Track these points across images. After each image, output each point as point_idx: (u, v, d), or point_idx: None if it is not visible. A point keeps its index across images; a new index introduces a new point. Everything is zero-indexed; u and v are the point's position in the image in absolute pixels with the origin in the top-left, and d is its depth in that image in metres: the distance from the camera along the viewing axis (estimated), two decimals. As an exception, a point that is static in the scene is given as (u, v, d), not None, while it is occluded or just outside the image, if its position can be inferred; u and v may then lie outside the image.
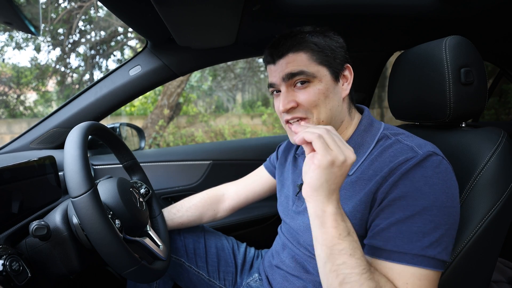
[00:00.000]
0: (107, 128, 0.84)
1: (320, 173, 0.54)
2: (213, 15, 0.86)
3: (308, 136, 0.55)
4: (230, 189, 1.06)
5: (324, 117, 0.72)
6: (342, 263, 0.54)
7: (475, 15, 1.04)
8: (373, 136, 0.73)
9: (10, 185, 0.73)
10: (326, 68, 0.71)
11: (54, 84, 6.39)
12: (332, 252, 0.55)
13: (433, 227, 0.58)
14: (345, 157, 0.54)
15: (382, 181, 0.63)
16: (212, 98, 7.19)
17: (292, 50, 0.71)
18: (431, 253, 0.57)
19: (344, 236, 0.55)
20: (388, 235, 0.60)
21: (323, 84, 0.71)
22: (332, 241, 0.55)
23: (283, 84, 0.72)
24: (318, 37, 0.72)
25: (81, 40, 5.73)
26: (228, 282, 1.01)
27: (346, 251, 0.54)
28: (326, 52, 0.71)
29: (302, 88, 0.71)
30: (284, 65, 0.71)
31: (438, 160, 0.62)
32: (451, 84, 0.74)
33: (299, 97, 0.71)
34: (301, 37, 0.71)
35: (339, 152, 0.54)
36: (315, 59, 0.71)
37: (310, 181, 0.56)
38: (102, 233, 0.61)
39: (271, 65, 0.75)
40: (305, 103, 0.71)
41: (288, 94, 0.72)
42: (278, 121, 6.20)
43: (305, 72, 0.70)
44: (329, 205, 0.56)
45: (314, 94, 0.70)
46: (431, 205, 0.58)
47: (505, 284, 1.05)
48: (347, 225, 0.56)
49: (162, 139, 5.41)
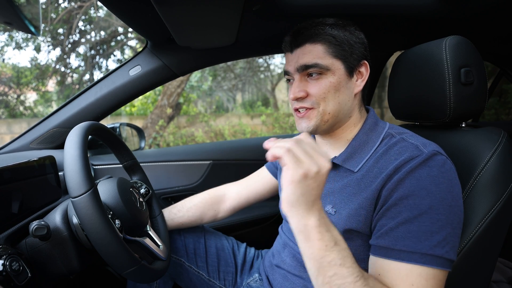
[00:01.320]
0: (107, 128, 0.84)
1: (294, 188, 0.52)
2: (213, 15, 0.86)
3: (276, 152, 0.53)
4: (231, 190, 1.06)
5: (330, 109, 0.72)
6: (333, 274, 0.53)
7: (475, 15, 1.03)
8: (378, 134, 0.74)
9: (10, 185, 0.73)
10: (341, 62, 0.72)
11: (54, 84, 6.39)
12: (321, 265, 0.54)
13: (440, 226, 0.58)
14: (319, 167, 0.52)
15: (387, 178, 0.64)
16: (212, 98, 7.19)
17: (309, 40, 0.72)
18: (439, 252, 0.57)
19: (331, 246, 0.54)
20: (396, 235, 0.60)
21: (335, 77, 0.71)
22: (320, 254, 0.54)
23: (297, 73, 0.74)
24: (338, 30, 0.72)
25: (81, 40, 5.73)
26: (228, 282, 1.01)
27: (335, 262, 0.53)
28: (343, 46, 0.71)
29: (314, 80, 0.72)
30: (300, 55, 0.72)
31: (442, 160, 0.63)
32: (451, 84, 0.74)
33: (310, 87, 0.72)
34: (321, 29, 0.72)
35: (311, 163, 0.52)
36: (331, 52, 0.71)
37: (286, 197, 0.54)
38: (102, 233, 0.61)
39: (289, 53, 0.76)
40: (314, 94, 0.72)
41: (300, 84, 0.73)
42: (278, 121, 6.23)
43: (319, 65, 0.70)
44: (310, 218, 0.54)
45: (324, 87, 0.71)
46: (438, 204, 0.58)
47: (505, 284, 1.05)
48: (333, 235, 0.55)
49: (162, 139, 5.41)
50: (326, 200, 0.73)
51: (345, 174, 0.73)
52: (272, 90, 7.74)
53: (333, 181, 0.74)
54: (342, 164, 0.73)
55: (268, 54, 2.53)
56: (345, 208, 0.69)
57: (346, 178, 0.72)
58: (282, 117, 6.30)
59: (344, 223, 0.68)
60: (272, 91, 7.75)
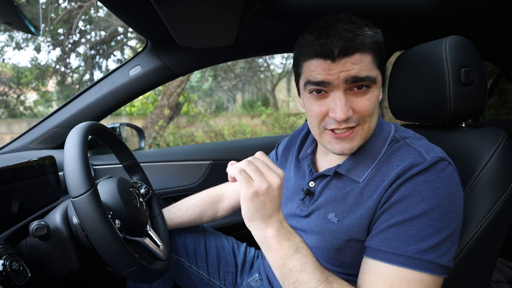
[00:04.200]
0: (107, 128, 0.84)
1: (249, 205, 0.57)
2: (213, 15, 0.86)
3: (231, 173, 0.58)
4: (230, 188, 1.06)
5: (373, 126, 0.66)
6: (295, 280, 0.58)
7: (475, 15, 1.03)
8: (383, 141, 0.69)
9: (10, 185, 0.73)
10: (379, 72, 0.64)
11: (54, 84, 6.39)
12: (284, 272, 0.59)
13: (433, 232, 0.57)
14: (269, 184, 0.57)
15: (388, 186, 0.62)
16: (212, 98, 7.19)
17: (361, 50, 0.60)
18: (428, 257, 0.56)
19: (290, 254, 0.58)
20: (385, 237, 0.59)
21: (378, 89, 0.64)
22: (281, 262, 0.59)
23: (341, 86, 0.61)
24: (377, 34, 0.63)
25: (81, 40, 5.73)
26: (228, 282, 1.01)
27: (296, 269, 0.58)
28: (383, 54, 0.63)
29: (361, 94, 0.62)
30: (349, 65, 0.59)
31: (443, 165, 0.61)
32: (451, 84, 0.73)
33: (357, 103, 0.62)
34: (369, 35, 0.61)
35: (260, 181, 0.56)
36: (376, 61, 0.62)
37: (244, 213, 0.60)
38: (102, 233, 0.61)
39: (328, 61, 0.60)
40: (362, 111, 0.63)
41: (346, 100, 0.62)
42: (278, 121, 6.22)
43: (370, 78, 0.61)
44: (268, 230, 0.59)
45: (372, 102, 0.63)
46: (432, 210, 0.57)
47: (505, 284, 1.04)
48: (293, 243, 0.60)
49: (162, 139, 5.41)
50: (329, 208, 0.71)
51: (349, 183, 0.70)
52: (272, 90, 7.74)
53: (336, 189, 0.71)
54: (346, 174, 0.70)
55: (268, 54, 2.53)
56: (347, 218, 0.67)
57: (349, 187, 0.70)
58: (282, 117, 6.30)
59: (346, 233, 0.67)
60: (272, 91, 7.75)
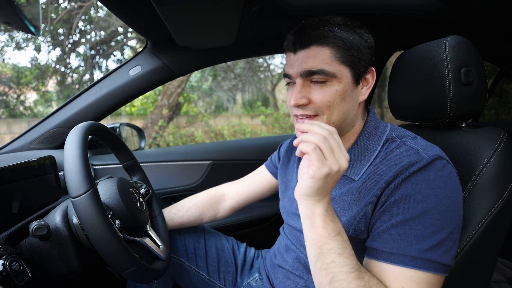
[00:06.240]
0: (107, 128, 0.84)
1: (314, 183, 0.56)
2: (213, 15, 0.86)
3: (304, 149, 0.56)
4: (231, 189, 1.06)
5: (335, 119, 0.68)
6: (331, 261, 0.56)
7: (475, 15, 1.03)
8: (379, 139, 0.71)
9: (10, 185, 0.73)
10: (348, 68, 0.66)
11: (54, 84, 6.39)
12: (321, 251, 0.57)
13: (434, 231, 0.57)
14: (339, 167, 0.56)
15: (387, 185, 0.63)
16: (212, 98, 7.19)
17: (316, 42, 0.65)
18: (431, 256, 0.56)
19: (333, 236, 0.57)
20: (387, 237, 0.60)
21: (341, 85, 0.66)
22: (321, 241, 0.57)
23: (299, 78, 0.67)
24: (347, 32, 0.65)
25: (81, 40, 5.73)
26: (228, 282, 1.01)
27: (334, 250, 0.57)
28: (352, 51, 0.65)
29: (319, 86, 0.66)
30: (305, 58, 0.65)
31: (442, 164, 0.62)
32: (451, 84, 0.73)
33: (313, 94, 0.66)
34: (329, 30, 0.65)
35: (333, 162, 0.55)
36: (339, 57, 0.65)
37: (303, 187, 0.58)
38: (102, 233, 0.61)
39: (291, 54, 0.69)
40: (318, 102, 0.66)
41: (302, 89, 0.67)
42: (278, 121, 6.23)
43: (325, 71, 0.64)
44: (319, 207, 0.58)
45: (330, 95, 0.65)
46: (432, 209, 0.58)
47: (505, 284, 1.04)
48: (336, 226, 0.59)
49: (162, 139, 5.41)
50: None
51: (346, 182, 0.71)
52: (272, 90, 7.75)
53: (334, 188, 0.72)
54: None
55: (268, 54, 2.53)
56: (344, 216, 0.68)
57: (347, 186, 0.70)
58: (282, 117, 6.31)
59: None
60: (272, 91, 7.76)
